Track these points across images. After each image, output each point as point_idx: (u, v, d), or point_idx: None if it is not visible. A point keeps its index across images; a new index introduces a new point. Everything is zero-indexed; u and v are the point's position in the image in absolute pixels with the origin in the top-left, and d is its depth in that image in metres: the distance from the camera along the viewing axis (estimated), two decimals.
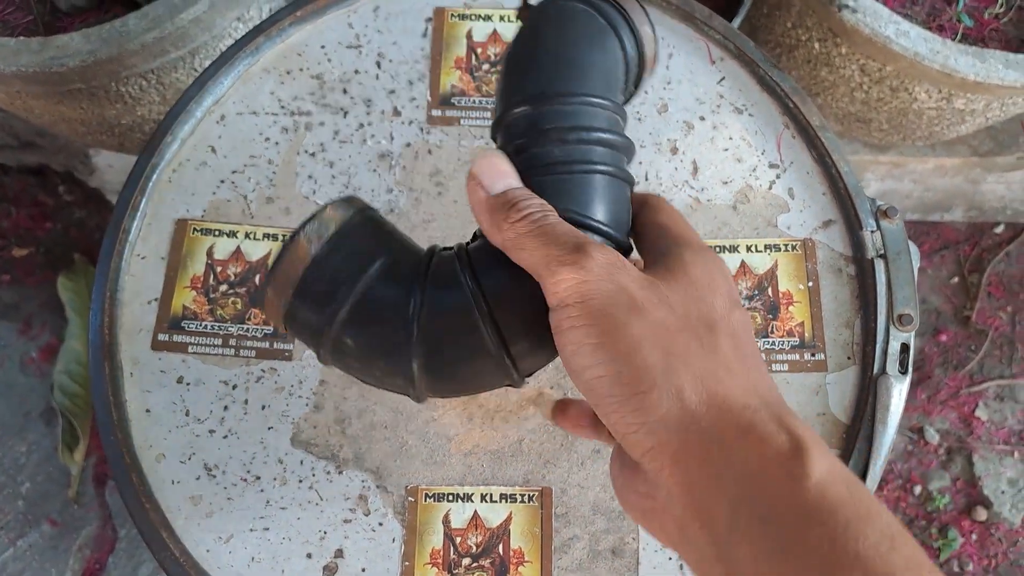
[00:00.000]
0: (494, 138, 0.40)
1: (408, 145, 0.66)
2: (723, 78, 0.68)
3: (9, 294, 1.25)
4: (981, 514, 1.27)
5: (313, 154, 0.65)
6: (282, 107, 0.66)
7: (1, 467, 1.17)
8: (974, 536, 1.27)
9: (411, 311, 0.36)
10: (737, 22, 1.11)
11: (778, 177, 0.65)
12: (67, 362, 1.19)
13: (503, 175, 0.35)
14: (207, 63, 0.82)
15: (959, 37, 0.95)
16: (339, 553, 0.57)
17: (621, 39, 0.40)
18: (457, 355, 0.37)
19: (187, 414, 0.59)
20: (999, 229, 1.40)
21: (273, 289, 0.37)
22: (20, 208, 1.30)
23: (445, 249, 0.39)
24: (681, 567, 0.57)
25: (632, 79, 0.42)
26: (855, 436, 0.58)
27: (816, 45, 0.93)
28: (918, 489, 1.28)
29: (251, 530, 0.57)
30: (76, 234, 1.29)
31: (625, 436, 0.30)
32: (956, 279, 1.38)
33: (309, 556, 0.57)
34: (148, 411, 0.59)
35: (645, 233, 0.37)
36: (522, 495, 0.58)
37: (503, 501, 0.58)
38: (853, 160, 1.17)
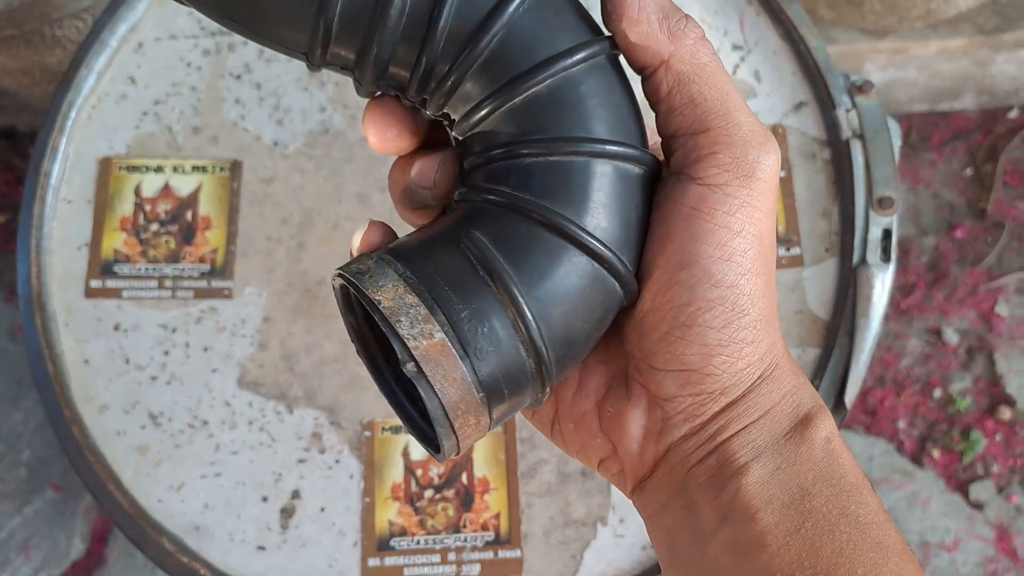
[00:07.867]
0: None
1: None
2: None
3: None
4: (1005, 413, 1.23)
5: (239, 76, 0.60)
6: (202, 28, 0.62)
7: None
8: (998, 436, 1.22)
9: None
10: None
11: (743, 59, 0.59)
12: None
13: None
14: None
15: None
16: (296, 494, 0.54)
17: None
18: None
19: (127, 362, 0.56)
20: (1013, 114, 1.32)
21: None
22: None
23: None
24: None
25: None
26: (835, 332, 0.53)
27: None
28: (938, 392, 1.24)
29: (203, 477, 0.55)
30: None
31: (714, 357, 0.25)
32: (970, 170, 1.31)
33: (265, 499, 0.54)
34: (86, 361, 0.56)
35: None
36: None
37: None
38: (849, 49, 1.09)
